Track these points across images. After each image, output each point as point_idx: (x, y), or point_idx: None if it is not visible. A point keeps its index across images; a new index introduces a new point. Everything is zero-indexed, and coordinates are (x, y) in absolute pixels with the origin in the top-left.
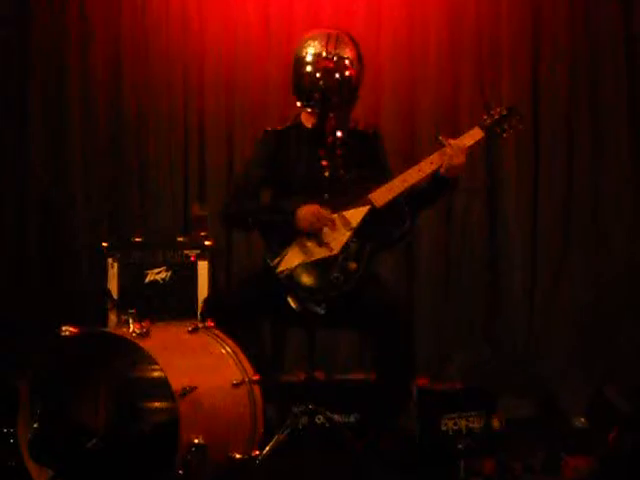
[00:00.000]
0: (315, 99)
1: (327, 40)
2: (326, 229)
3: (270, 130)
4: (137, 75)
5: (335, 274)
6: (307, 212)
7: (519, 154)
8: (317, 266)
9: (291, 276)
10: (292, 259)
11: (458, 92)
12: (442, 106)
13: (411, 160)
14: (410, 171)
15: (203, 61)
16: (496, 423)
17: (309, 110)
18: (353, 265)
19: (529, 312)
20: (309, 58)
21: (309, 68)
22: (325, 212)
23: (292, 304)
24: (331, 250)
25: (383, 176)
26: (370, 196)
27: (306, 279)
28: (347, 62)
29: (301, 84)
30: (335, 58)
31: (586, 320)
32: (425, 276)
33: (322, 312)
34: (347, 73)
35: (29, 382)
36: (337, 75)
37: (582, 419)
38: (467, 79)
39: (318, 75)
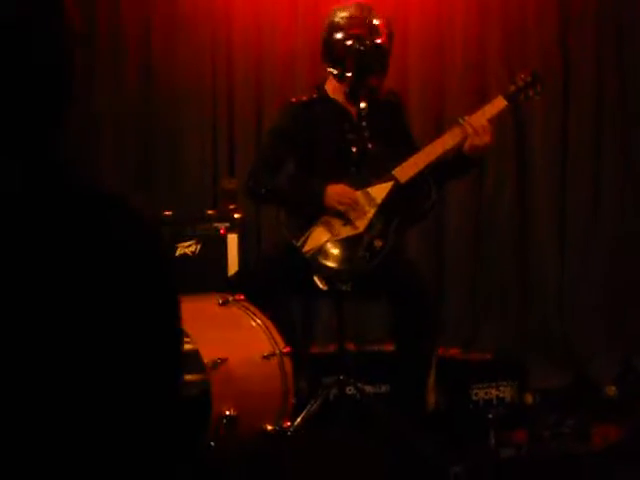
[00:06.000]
0: (347, 65)
1: (359, 9)
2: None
3: (295, 101)
4: (166, 49)
5: (361, 252)
6: (334, 192)
7: (548, 120)
8: (343, 245)
9: (317, 256)
10: (317, 238)
11: (485, 59)
12: (470, 78)
13: (438, 131)
14: (433, 144)
15: (231, 31)
16: (529, 398)
17: (337, 76)
18: (379, 243)
19: (560, 281)
20: (341, 25)
21: (340, 35)
22: (352, 193)
23: (319, 284)
24: (356, 228)
25: (409, 148)
26: (394, 172)
27: (332, 259)
28: (379, 30)
29: (333, 51)
30: (367, 25)
31: (617, 287)
32: (455, 245)
33: (348, 290)
34: (379, 40)
35: None
36: (369, 42)
37: (613, 388)
38: (495, 51)
39: (350, 42)
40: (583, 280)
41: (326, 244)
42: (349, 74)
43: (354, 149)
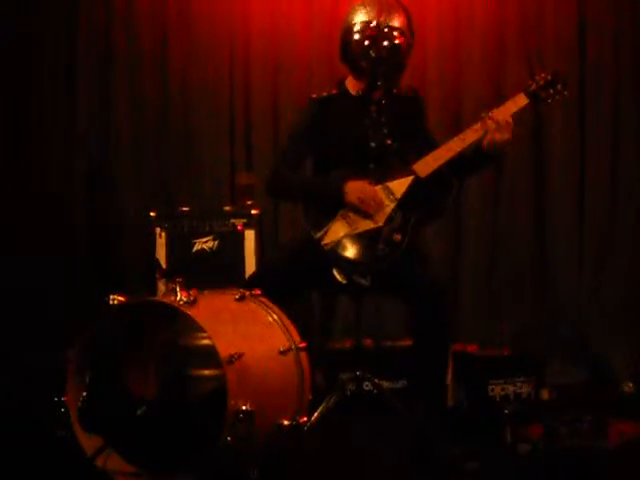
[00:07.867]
0: (363, 67)
1: (377, 7)
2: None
3: (315, 97)
4: (182, 46)
5: (380, 246)
6: (355, 188)
7: (565, 123)
8: (362, 238)
9: (336, 249)
10: (336, 232)
11: (503, 60)
12: (487, 73)
13: (457, 127)
14: (454, 140)
15: (248, 28)
16: (545, 394)
17: (355, 75)
18: (398, 237)
19: (578, 278)
20: (358, 26)
21: (357, 36)
22: (371, 190)
23: (338, 277)
24: (376, 222)
25: (427, 143)
26: (414, 166)
27: (351, 252)
28: (396, 31)
29: (349, 52)
30: (384, 27)
31: (637, 282)
32: (471, 241)
33: (367, 284)
34: (396, 42)
35: (78, 351)
36: (386, 43)
37: (630, 384)
38: (512, 47)
39: (366, 43)
40: (601, 277)
41: (345, 237)
42: (363, 76)
43: (373, 144)
